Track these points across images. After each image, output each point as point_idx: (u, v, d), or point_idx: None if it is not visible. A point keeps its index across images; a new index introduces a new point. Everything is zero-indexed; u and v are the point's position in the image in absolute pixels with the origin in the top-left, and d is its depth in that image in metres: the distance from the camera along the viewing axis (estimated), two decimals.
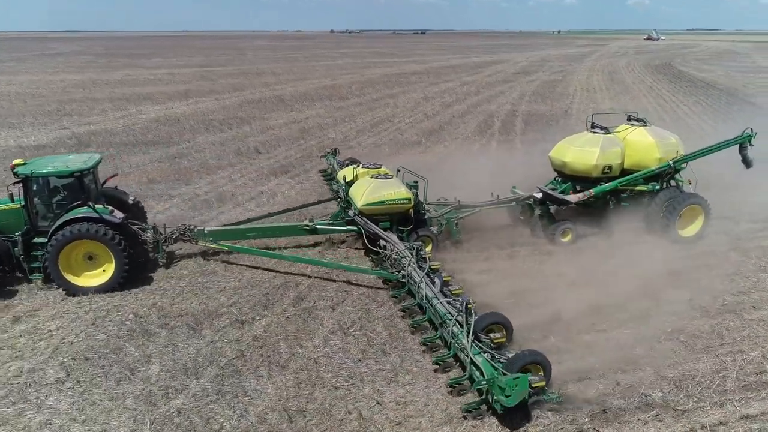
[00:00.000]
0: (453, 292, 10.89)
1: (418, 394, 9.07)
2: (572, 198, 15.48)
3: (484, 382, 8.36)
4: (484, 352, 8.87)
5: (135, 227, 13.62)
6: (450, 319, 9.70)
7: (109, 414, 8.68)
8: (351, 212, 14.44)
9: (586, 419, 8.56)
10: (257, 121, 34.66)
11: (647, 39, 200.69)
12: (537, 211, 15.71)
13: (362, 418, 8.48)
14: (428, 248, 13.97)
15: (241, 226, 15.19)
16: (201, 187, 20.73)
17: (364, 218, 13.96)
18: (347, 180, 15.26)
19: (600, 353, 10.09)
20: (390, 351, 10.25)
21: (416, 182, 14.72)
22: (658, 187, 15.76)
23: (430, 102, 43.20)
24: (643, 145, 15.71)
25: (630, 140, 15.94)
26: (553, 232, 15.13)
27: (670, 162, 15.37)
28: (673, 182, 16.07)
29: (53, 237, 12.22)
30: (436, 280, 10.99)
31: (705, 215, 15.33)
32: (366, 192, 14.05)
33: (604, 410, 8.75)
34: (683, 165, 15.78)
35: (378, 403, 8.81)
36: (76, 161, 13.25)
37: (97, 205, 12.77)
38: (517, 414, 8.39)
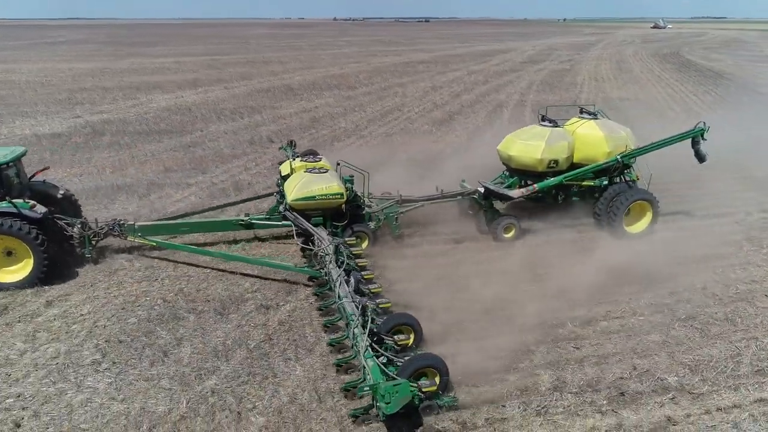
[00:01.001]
0: (372, 290, 10.58)
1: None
2: (514, 193, 15.29)
3: (367, 388, 8.09)
4: (380, 356, 8.60)
5: (61, 222, 13.39)
6: (353, 320, 9.40)
7: (145, 393, 9.05)
8: (281, 207, 14.31)
9: (605, 401, 8.89)
10: (268, 110, 34.85)
11: (654, 27, 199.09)
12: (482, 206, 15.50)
13: None
14: (364, 244, 13.86)
15: (174, 221, 14.96)
16: (217, 175, 21.02)
17: (294, 213, 13.68)
18: (283, 174, 15.05)
19: (617, 340, 10.44)
20: None
21: (352, 177, 14.54)
22: (606, 182, 15.60)
23: (438, 91, 43.27)
24: (592, 139, 15.48)
25: (579, 134, 15.69)
26: (496, 228, 14.99)
27: (618, 156, 15.02)
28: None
29: None
30: (351, 279, 10.58)
31: (653, 211, 15.05)
32: (297, 186, 13.67)
33: (621, 393, 9.08)
34: (632, 160, 15.49)
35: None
36: None
37: (18, 200, 12.52)
38: (405, 420, 8.20)
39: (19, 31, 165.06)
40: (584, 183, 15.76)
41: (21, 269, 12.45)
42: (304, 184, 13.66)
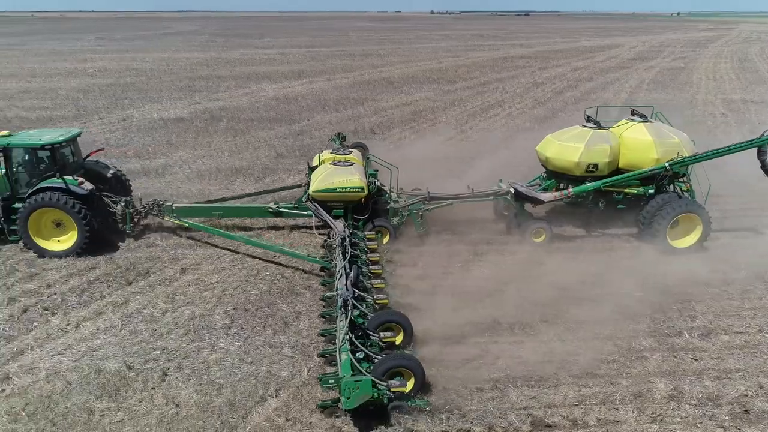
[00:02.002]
0: (375, 285, 10.62)
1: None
2: (546, 197, 14.68)
3: (332, 381, 8.27)
4: (356, 351, 8.58)
5: (107, 199, 14.53)
6: (342, 313, 9.41)
7: (271, 359, 9.89)
8: (304, 197, 14.51)
9: (727, 417, 8.58)
10: (369, 102, 35.75)
11: None
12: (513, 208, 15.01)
13: None
14: (385, 240, 13.89)
15: (208, 205, 15.54)
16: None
17: (315, 204, 13.82)
18: (312, 165, 15.25)
19: (740, 356, 9.97)
20: None
21: (376, 171, 14.65)
22: (651, 191, 14.54)
23: (540, 87, 42.20)
24: (639, 144, 14.48)
25: (626, 137, 14.73)
26: (525, 231, 14.43)
27: (667, 164, 14.04)
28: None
29: (24, 204, 13.48)
30: (352, 272, 10.45)
31: (704, 226, 13.94)
32: (320, 178, 13.91)
33: (746, 411, 8.71)
34: (685, 168, 14.48)
35: None
36: (52, 135, 14.24)
37: (68, 177, 13.64)
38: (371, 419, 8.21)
39: (138, 23, 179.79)
40: (627, 190, 14.76)
41: (68, 240, 13.69)
42: (327, 176, 13.91)
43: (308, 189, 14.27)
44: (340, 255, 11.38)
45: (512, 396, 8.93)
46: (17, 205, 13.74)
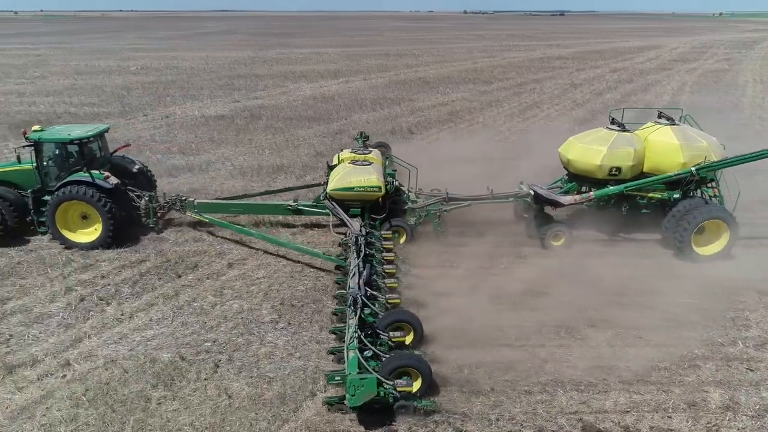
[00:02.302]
0: (388, 285, 10.67)
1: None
2: (566, 200, 14.42)
3: (338, 378, 8.32)
4: (364, 350, 8.59)
5: (132, 194, 14.95)
6: (351, 311, 9.47)
7: (318, 354, 10.02)
8: (321, 195, 14.61)
9: None
10: (405, 102, 35.79)
11: None
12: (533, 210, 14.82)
13: None
14: (402, 239, 13.92)
15: (229, 201, 15.80)
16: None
17: (333, 202, 13.92)
18: (331, 164, 15.35)
19: None
20: None
21: (395, 171, 14.62)
22: (677, 196, 14.13)
23: (578, 89, 41.54)
24: (665, 147, 14.08)
25: (651, 141, 14.35)
26: (544, 234, 14.21)
27: (693, 168, 13.63)
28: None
29: (52, 196, 13.87)
30: (365, 271, 10.55)
31: (731, 233, 13.41)
32: (337, 177, 14.06)
33: None
34: (713, 173, 14.06)
35: None
36: (80, 130, 14.64)
37: (95, 171, 14.00)
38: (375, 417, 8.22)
39: (176, 22, 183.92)
40: (651, 195, 14.37)
41: (93, 232, 14.10)
42: (345, 175, 14.01)
43: (326, 187, 14.43)
44: (354, 254, 11.48)
45: (561, 400, 8.86)
46: (47, 197, 14.16)
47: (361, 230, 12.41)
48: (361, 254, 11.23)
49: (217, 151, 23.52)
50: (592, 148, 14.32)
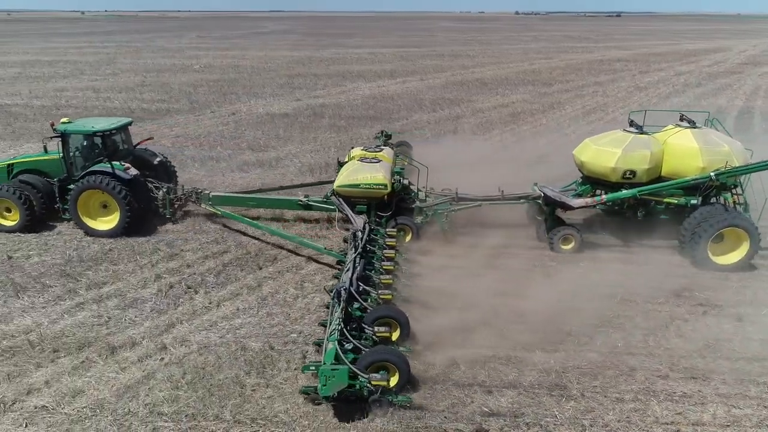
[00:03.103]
0: (383, 281, 10.70)
1: None
2: (576, 202, 14.00)
3: (313, 368, 8.47)
4: (345, 343, 8.68)
5: (151, 185, 15.42)
6: (336, 304, 9.52)
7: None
8: (329, 191, 14.64)
9: None
10: (465, 103, 35.61)
11: None
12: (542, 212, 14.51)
13: None
14: (408, 238, 13.93)
15: (242, 195, 16.14)
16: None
17: (339, 199, 14.05)
18: (342, 161, 15.49)
19: None
20: None
21: (402, 169, 14.72)
22: (694, 202, 13.57)
23: (643, 92, 40.27)
24: (683, 151, 13.54)
25: (670, 144, 13.80)
26: (552, 237, 13.88)
27: (712, 174, 13.05)
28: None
29: (75, 185, 14.44)
30: (358, 267, 10.68)
31: (751, 242, 12.82)
32: (345, 173, 14.20)
33: None
34: (733, 179, 13.45)
35: None
36: (105, 123, 15.25)
37: (116, 162, 14.53)
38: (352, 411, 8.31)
39: (233, 22, 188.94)
40: (666, 200, 13.86)
41: (111, 220, 14.66)
42: (352, 172, 14.11)
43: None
44: (352, 249, 11.64)
45: (656, 410, 8.64)
46: (71, 186, 14.73)
47: (364, 227, 12.50)
48: (358, 250, 11.38)
49: (284, 148, 24.05)
50: (606, 150, 13.92)
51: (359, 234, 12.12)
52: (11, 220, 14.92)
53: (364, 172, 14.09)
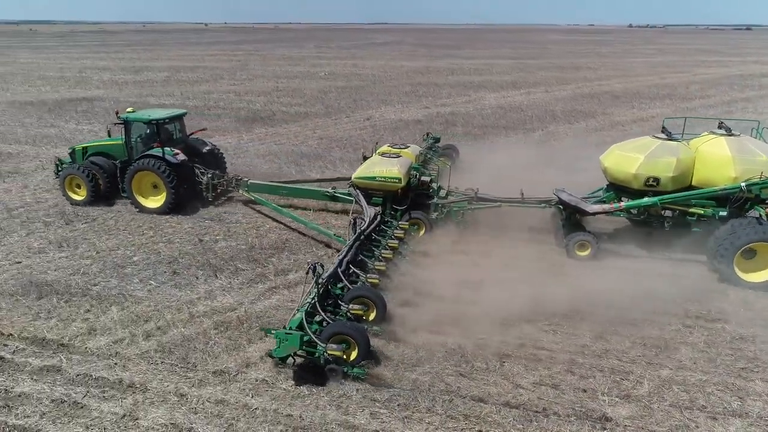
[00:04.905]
0: (376, 267, 11.37)
1: None
2: (592, 208, 13.63)
3: (273, 331, 8.89)
4: (313, 315, 9.41)
5: (197, 170, 16.94)
6: (312, 278, 9.89)
7: None
8: (348, 183, 15.37)
9: None
10: (600, 115, 34.17)
11: None
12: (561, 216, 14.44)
13: None
14: (421, 232, 14.29)
15: (276, 184, 17.15)
16: (584, 172, 21.33)
17: (357, 190, 14.77)
18: (366, 156, 16.44)
19: None
20: None
21: (419, 165, 15.44)
22: (723, 213, 12.81)
23: None
24: (715, 159, 12.82)
25: (702, 152, 13.08)
26: (568, 242, 13.51)
27: (743, 184, 12.25)
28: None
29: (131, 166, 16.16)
30: (351, 251, 11.39)
31: None
32: (363, 166, 15.14)
33: None
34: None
35: None
36: (160, 113, 17.01)
37: (168, 148, 16.06)
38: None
39: (345, 34, 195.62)
40: (692, 210, 13.12)
41: (159, 199, 16.33)
42: (370, 165, 15.01)
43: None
44: (352, 234, 12.37)
45: None
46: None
47: (375, 217, 13.24)
48: (355, 235, 12.04)
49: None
50: (629, 156, 13.47)
51: (359, 222, 12.88)
52: (80, 195, 17.06)
53: (381, 165, 14.86)
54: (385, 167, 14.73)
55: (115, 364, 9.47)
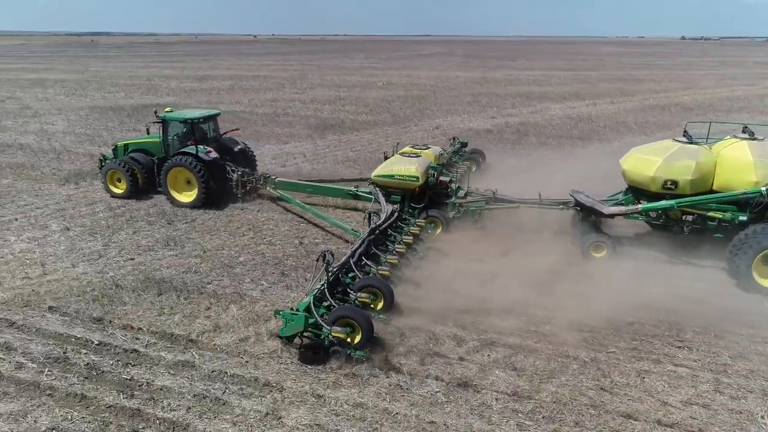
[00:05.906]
0: (388, 260, 11.83)
1: None
2: (608, 210, 13.53)
3: (281, 313, 9.20)
4: (322, 300, 9.90)
5: (228, 167, 17.60)
6: (323, 266, 10.25)
7: None
8: (369, 181, 15.70)
9: None
10: (675, 128, 32.83)
11: None
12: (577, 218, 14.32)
13: None
14: (438, 230, 14.57)
15: (303, 182, 17.73)
16: None
17: (376, 188, 15.14)
18: (387, 155, 16.86)
19: None
20: None
21: (438, 165, 15.75)
22: (743, 218, 12.51)
23: None
24: (736, 163, 12.58)
25: (723, 156, 12.83)
26: (584, 243, 13.41)
27: (763, 188, 12.06)
28: None
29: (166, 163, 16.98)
30: (364, 243, 11.85)
31: None
32: (383, 165, 15.55)
33: None
34: None
35: None
36: (195, 113, 17.80)
37: (201, 146, 16.79)
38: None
39: (391, 45, 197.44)
40: (710, 214, 12.92)
41: (192, 195, 17.09)
42: (389, 164, 15.49)
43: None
44: (367, 227, 12.75)
45: None
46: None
47: (392, 213, 13.67)
48: (370, 228, 12.50)
49: (508, 161, 23.89)
50: (647, 159, 13.40)
51: (373, 217, 13.23)
52: (120, 189, 18.06)
53: (400, 164, 15.24)
54: (404, 166, 15.16)
55: (246, 362, 9.52)
